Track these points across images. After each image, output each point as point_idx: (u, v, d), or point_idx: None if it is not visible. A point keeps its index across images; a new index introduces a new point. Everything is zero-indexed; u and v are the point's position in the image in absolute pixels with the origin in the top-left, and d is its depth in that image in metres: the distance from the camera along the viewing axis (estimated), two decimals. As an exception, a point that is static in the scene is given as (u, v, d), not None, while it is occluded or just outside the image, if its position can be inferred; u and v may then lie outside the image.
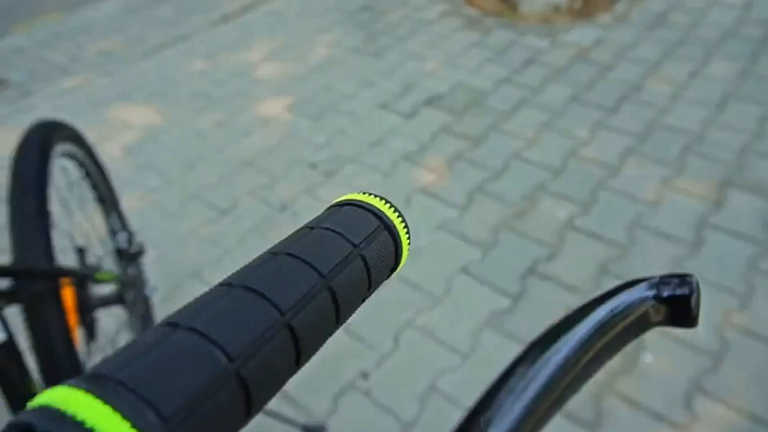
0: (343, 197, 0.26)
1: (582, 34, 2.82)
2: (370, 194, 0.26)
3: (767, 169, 1.94)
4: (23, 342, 0.77)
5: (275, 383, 0.20)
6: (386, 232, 0.25)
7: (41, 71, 2.92)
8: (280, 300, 0.20)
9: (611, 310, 0.21)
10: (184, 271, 1.73)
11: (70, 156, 1.12)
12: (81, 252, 1.08)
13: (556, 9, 3.03)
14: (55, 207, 0.96)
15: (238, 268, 0.21)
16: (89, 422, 0.15)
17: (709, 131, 2.12)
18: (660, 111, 2.24)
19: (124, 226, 1.37)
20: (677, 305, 0.21)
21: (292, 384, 1.41)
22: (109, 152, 2.28)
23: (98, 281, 1.03)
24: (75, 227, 1.16)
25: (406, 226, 0.25)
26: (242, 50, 2.93)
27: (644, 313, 0.21)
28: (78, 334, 0.87)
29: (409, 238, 0.26)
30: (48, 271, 0.82)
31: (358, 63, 2.73)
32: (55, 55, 3.07)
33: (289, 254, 0.22)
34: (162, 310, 1.47)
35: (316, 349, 0.22)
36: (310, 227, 0.24)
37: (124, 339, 1.23)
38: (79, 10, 3.55)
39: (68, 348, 0.79)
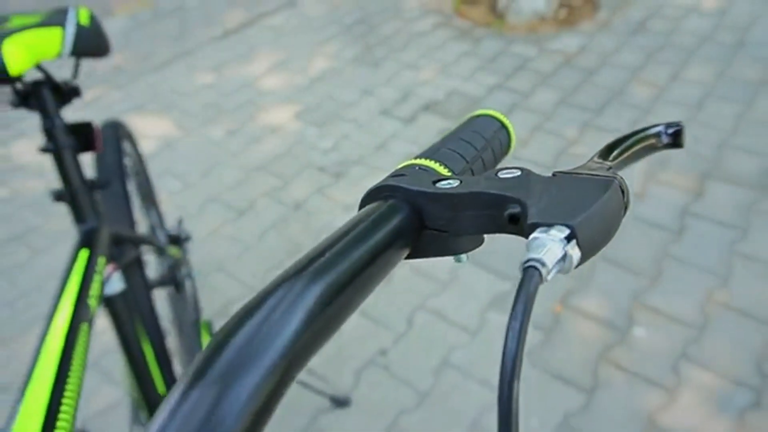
0: (478, 112, 0.42)
1: (567, 41, 2.99)
2: (492, 110, 0.42)
3: (743, 161, 2.11)
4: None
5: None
6: (504, 130, 0.41)
7: (53, 87, 3.04)
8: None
9: (644, 134, 0.36)
10: (209, 266, 1.86)
11: (126, 154, 1.26)
12: (153, 229, 1.23)
13: (542, 19, 3.20)
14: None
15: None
16: (428, 165, 0.33)
17: (688, 129, 2.29)
18: (643, 111, 2.41)
19: (162, 222, 1.50)
20: (675, 135, 0.37)
21: (317, 362, 1.54)
22: (126, 161, 2.41)
23: (170, 255, 1.17)
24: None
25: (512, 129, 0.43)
26: (246, 63, 3.07)
27: (657, 139, 0.36)
28: None
29: (515, 136, 0.43)
30: (137, 238, 0.97)
31: (358, 73, 2.89)
32: (68, 70, 3.19)
33: (472, 130, 0.39)
34: (196, 298, 1.60)
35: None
36: (466, 125, 0.40)
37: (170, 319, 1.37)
38: (84, 28, 3.68)
39: (152, 308, 0.93)
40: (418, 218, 0.31)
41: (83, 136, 0.87)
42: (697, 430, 1.35)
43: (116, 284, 0.84)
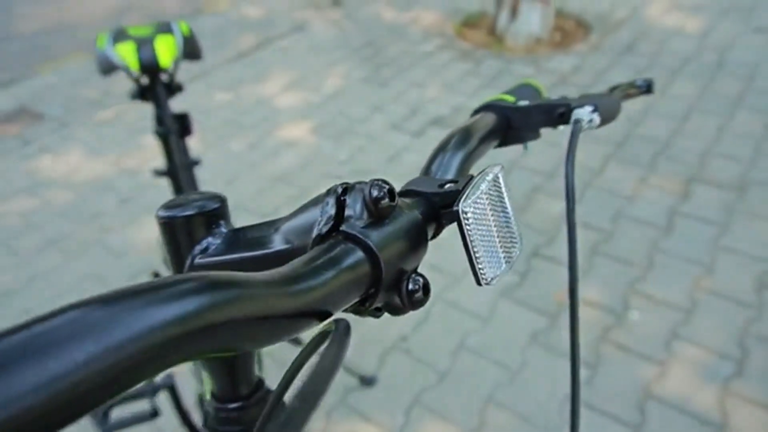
0: (522, 81, 0.61)
1: (562, 61, 3.21)
2: (531, 79, 0.60)
3: (725, 167, 2.31)
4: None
5: None
6: (538, 91, 0.60)
7: (76, 105, 3.23)
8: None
9: (630, 83, 0.56)
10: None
11: None
12: None
13: (538, 41, 3.43)
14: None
15: None
16: (507, 98, 0.52)
17: (675, 139, 2.50)
18: (634, 123, 2.62)
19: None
20: (648, 86, 0.57)
21: (347, 344, 1.70)
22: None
23: None
24: None
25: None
26: (261, 83, 3.27)
27: (638, 88, 0.56)
28: None
29: (545, 92, 0.61)
30: None
31: (367, 91, 3.09)
32: (87, 91, 3.39)
33: (520, 89, 0.57)
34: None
35: None
36: (515, 87, 0.59)
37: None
38: (103, 52, 3.88)
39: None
40: (507, 122, 0.52)
41: (182, 124, 1.05)
42: (687, 397, 1.52)
43: None
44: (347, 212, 0.32)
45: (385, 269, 0.31)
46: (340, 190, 0.32)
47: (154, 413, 0.96)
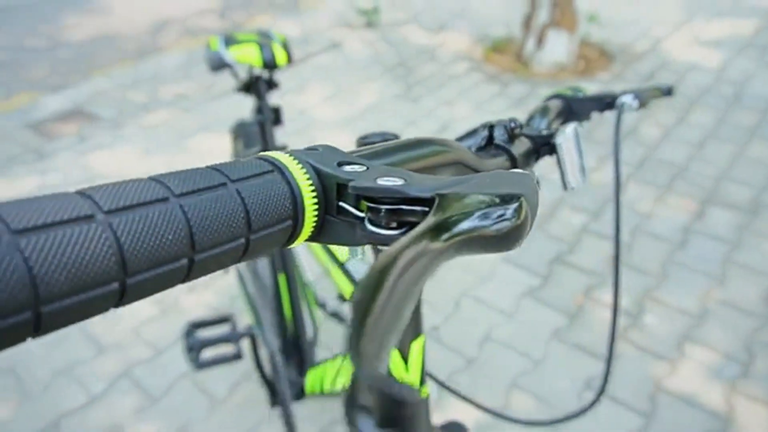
0: (573, 85, 0.77)
1: (586, 87, 3.38)
2: (579, 85, 0.77)
3: (738, 191, 2.46)
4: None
5: None
6: (583, 91, 0.76)
7: (126, 109, 3.44)
8: None
9: (655, 86, 0.72)
10: (284, 256, 2.19)
11: None
12: None
13: (562, 68, 3.61)
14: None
15: None
16: (567, 92, 0.71)
17: (691, 163, 2.65)
18: (652, 147, 2.78)
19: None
20: (669, 90, 0.73)
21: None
22: (199, 172, 2.78)
23: None
24: None
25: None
26: (300, 95, 3.47)
27: (661, 90, 0.72)
28: None
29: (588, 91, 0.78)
30: None
31: (400, 107, 3.28)
32: (136, 95, 3.61)
33: (572, 89, 0.73)
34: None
35: None
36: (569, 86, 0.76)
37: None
38: (147, 61, 4.11)
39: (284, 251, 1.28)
40: (569, 107, 0.68)
41: (276, 115, 1.23)
42: (695, 392, 1.65)
43: None
44: (494, 135, 0.50)
45: (518, 165, 0.50)
46: (489, 124, 0.51)
47: (237, 355, 1.12)
